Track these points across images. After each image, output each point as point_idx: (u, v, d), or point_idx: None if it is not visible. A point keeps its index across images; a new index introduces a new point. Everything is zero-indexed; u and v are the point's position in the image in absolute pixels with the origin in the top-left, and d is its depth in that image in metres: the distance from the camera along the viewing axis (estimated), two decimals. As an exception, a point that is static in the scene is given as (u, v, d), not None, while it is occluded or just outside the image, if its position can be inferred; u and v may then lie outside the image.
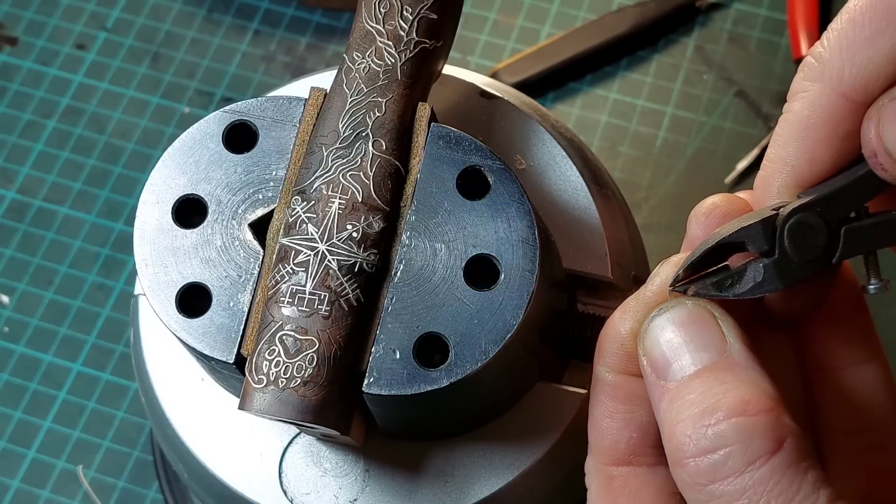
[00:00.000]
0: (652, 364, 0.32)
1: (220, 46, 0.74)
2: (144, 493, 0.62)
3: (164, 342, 0.44)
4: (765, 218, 0.33)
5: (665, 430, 0.31)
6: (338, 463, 0.41)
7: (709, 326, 0.32)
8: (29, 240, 0.69)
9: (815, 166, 0.33)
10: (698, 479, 0.30)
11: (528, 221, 0.37)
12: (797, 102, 0.34)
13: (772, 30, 0.73)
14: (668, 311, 0.33)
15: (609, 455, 0.35)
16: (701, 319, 0.32)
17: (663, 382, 0.32)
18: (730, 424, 0.30)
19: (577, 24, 0.73)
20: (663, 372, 0.32)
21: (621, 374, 0.34)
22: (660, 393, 0.32)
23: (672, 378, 0.32)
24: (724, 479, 0.30)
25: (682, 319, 0.32)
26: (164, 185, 0.38)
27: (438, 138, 0.38)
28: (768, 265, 0.33)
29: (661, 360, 0.32)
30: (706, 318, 0.32)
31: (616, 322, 0.34)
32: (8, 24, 0.75)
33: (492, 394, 0.40)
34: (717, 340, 0.32)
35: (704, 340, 0.32)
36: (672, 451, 0.31)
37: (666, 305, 0.33)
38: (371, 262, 0.36)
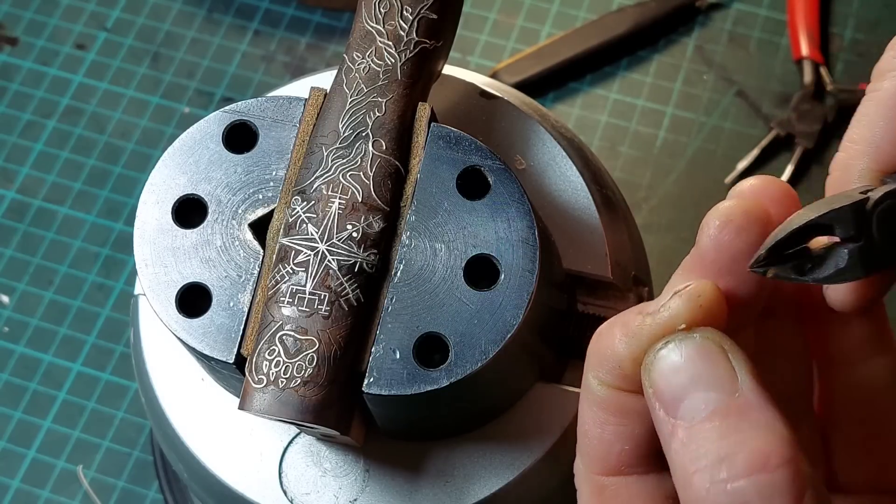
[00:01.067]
0: (659, 398, 0.31)
1: (220, 46, 0.74)
2: (144, 493, 0.62)
3: (164, 342, 0.44)
4: (855, 202, 0.31)
5: (678, 473, 0.31)
6: (338, 463, 0.41)
7: (719, 362, 0.31)
8: (29, 240, 0.69)
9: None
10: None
11: (528, 221, 0.37)
12: (887, 80, 0.33)
13: (772, 30, 0.73)
14: (675, 344, 0.31)
15: (599, 464, 0.34)
16: (710, 354, 0.31)
17: (673, 420, 0.31)
18: (750, 482, 0.29)
19: (577, 24, 0.73)
20: (672, 409, 0.31)
21: (614, 389, 0.33)
22: (670, 430, 0.31)
23: (682, 417, 0.31)
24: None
25: (690, 354, 0.31)
26: (164, 185, 0.38)
27: (438, 138, 0.38)
28: (853, 251, 0.31)
29: (669, 397, 0.31)
30: (716, 354, 0.31)
31: (616, 342, 0.33)
32: (8, 24, 0.75)
33: (492, 394, 0.40)
34: (728, 379, 0.31)
35: (715, 378, 0.31)
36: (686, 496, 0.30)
37: (673, 337, 0.32)
38: (371, 262, 0.36)
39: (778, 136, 0.69)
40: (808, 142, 0.69)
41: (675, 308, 0.32)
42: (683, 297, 0.32)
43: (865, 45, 0.72)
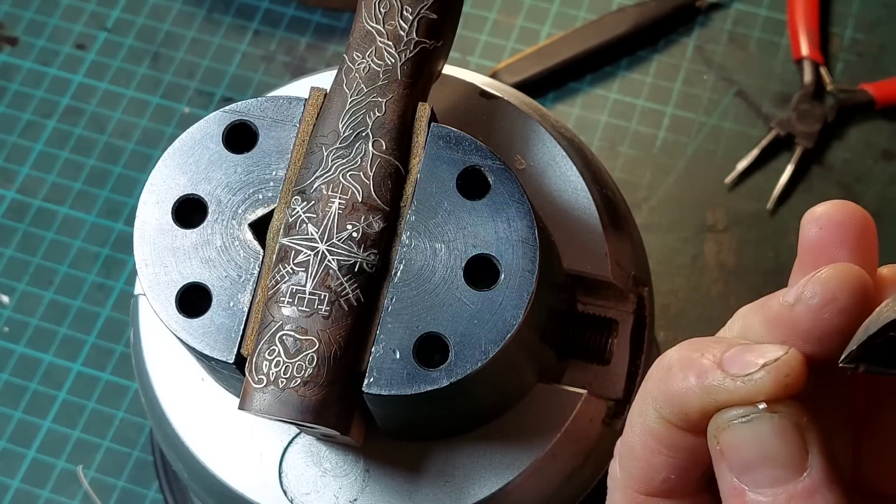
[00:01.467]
0: (727, 460, 0.32)
1: (220, 46, 0.74)
2: (144, 493, 0.62)
3: (164, 342, 0.44)
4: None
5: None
6: (338, 463, 0.41)
7: (791, 444, 0.31)
8: (29, 240, 0.69)
9: None
10: None
11: (528, 221, 0.37)
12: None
13: (772, 30, 0.73)
14: (752, 422, 0.31)
15: (642, 485, 0.34)
16: (785, 434, 0.31)
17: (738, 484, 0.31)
18: None
19: (577, 24, 0.73)
20: (737, 473, 0.31)
21: (673, 426, 0.33)
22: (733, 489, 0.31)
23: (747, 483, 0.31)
24: None
25: (765, 434, 0.31)
26: (164, 185, 0.38)
27: (438, 138, 0.38)
28: None
29: (738, 463, 0.31)
30: (791, 433, 0.31)
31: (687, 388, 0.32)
32: (8, 24, 0.75)
33: (492, 394, 0.40)
34: (799, 459, 0.31)
35: (784, 458, 0.31)
36: None
37: (751, 412, 0.31)
38: (371, 262, 0.36)
39: (778, 136, 0.69)
40: (808, 142, 0.69)
41: (759, 383, 0.31)
42: (771, 374, 0.31)
43: (865, 45, 0.72)
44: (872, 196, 0.68)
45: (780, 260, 0.66)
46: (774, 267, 0.66)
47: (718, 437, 0.32)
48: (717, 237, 0.67)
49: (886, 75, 0.71)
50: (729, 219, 0.68)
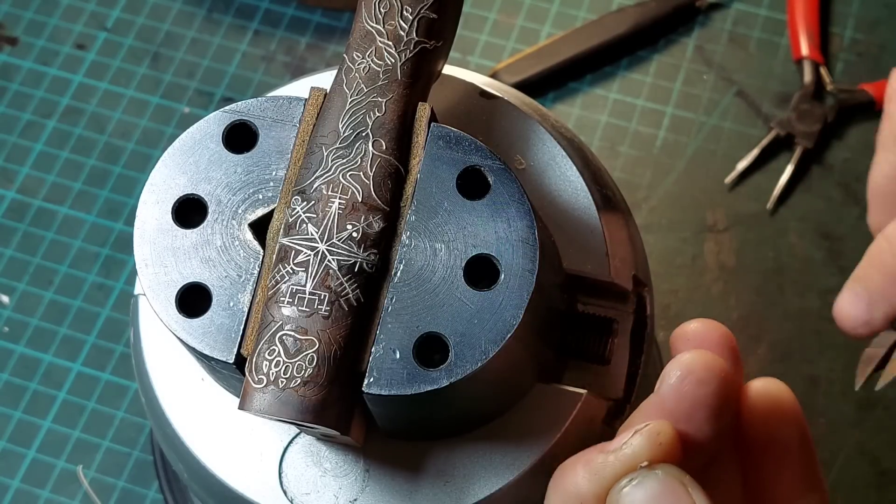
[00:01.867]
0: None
1: (220, 46, 0.74)
2: (144, 493, 0.62)
3: (164, 342, 0.44)
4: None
5: None
6: (338, 463, 0.41)
7: (681, 497, 0.33)
8: (29, 240, 0.69)
9: None
10: None
11: (528, 221, 0.37)
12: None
13: (772, 30, 0.73)
14: (639, 481, 0.33)
15: None
16: (673, 489, 0.33)
17: None
18: None
19: (577, 25, 0.73)
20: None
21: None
22: None
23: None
24: None
25: (654, 490, 0.33)
26: (164, 185, 0.38)
27: (438, 138, 0.38)
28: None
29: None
30: (678, 489, 0.33)
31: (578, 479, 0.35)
32: (8, 24, 0.75)
33: (492, 394, 0.40)
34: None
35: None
36: None
37: (636, 475, 0.33)
38: (371, 262, 0.36)
39: (778, 136, 0.69)
40: (808, 142, 0.69)
41: (636, 445, 0.34)
42: (644, 435, 0.34)
43: (865, 45, 0.72)
44: (872, 196, 0.68)
45: (780, 260, 0.66)
46: (774, 267, 0.66)
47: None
48: (717, 237, 0.67)
49: (886, 75, 0.70)
50: (729, 219, 0.68)
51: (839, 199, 0.68)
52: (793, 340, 0.64)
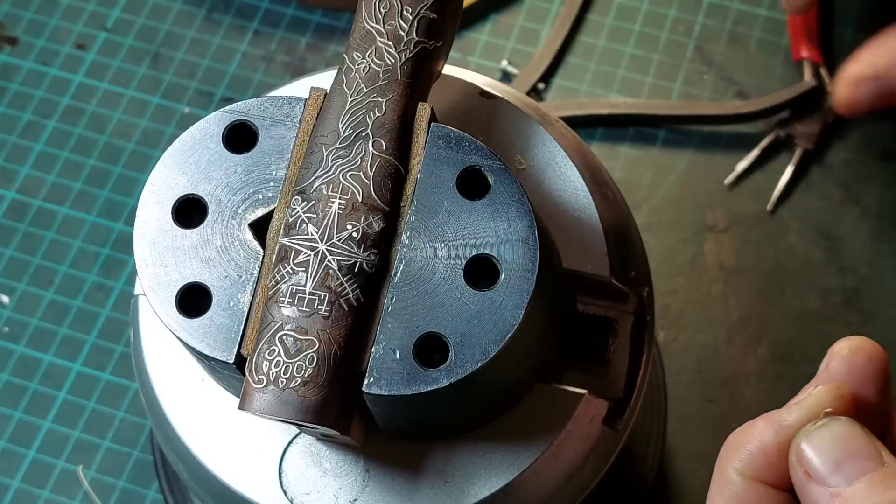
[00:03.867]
0: (814, 472, 0.34)
1: (220, 46, 0.74)
2: (144, 493, 0.62)
3: (164, 342, 0.44)
4: None
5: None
6: (338, 463, 0.41)
7: (865, 440, 0.34)
8: (29, 240, 0.69)
9: None
10: None
11: (528, 221, 0.37)
12: None
13: (772, 30, 0.73)
14: (827, 426, 0.34)
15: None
16: (858, 433, 0.34)
17: (832, 489, 0.34)
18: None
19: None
20: (826, 479, 0.34)
21: (754, 479, 0.36)
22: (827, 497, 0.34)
23: (839, 483, 0.34)
24: None
25: (841, 432, 0.34)
26: (164, 185, 0.38)
27: (438, 138, 0.38)
28: None
29: (823, 469, 0.34)
30: (861, 433, 0.34)
31: (760, 432, 0.36)
32: (8, 24, 0.75)
33: (492, 394, 0.40)
34: (876, 452, 0.34)
35: (865, 451, 0.34)
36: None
37: (821, 420, 0.35)
38: (371, 262, 0.36)
39: (778, 136, 0.69)
40: (807, 142, 0.69)
41: (819, 395, 0.35)
42: (826, 388, 0.35)
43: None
44: (872, 196, 0.68)
45: (780, 260, 0.66)
46: (774, 267, 0.66)
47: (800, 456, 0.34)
48: (717, 237, 0.67)
49: (886, 75, 0.71)
50: (729, 219, 0.68)
51: (839, 199, 0.68)
52: (793, 340, 0.64)
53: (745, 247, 0.67)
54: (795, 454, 0.35)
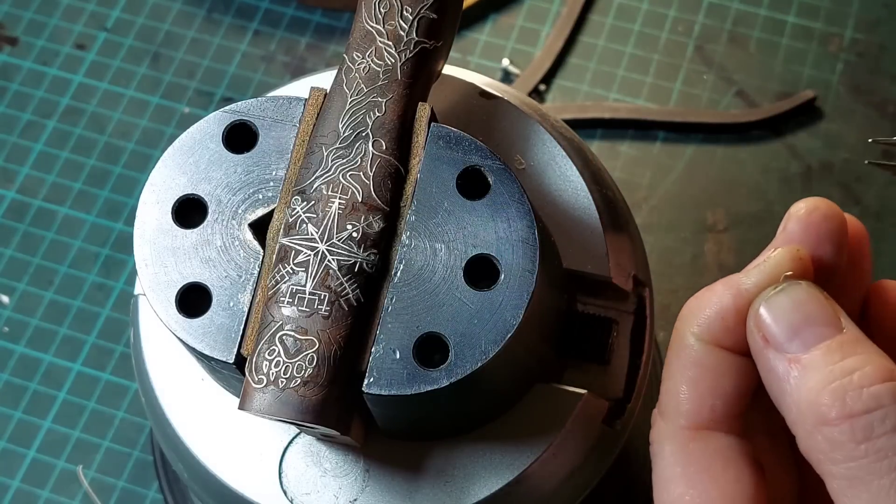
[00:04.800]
0: (772, 338, 0.34)
1: (220, 46, 0.74)
2: (144, 493, 0.62)
3: (164, 342, 0.44)
4: None
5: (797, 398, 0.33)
6: (338, 463, 0.41)
7: (824, 305, 0.34)
8: (29, 240, 0.69)
9: None
10: (854, 437, 0.32)
11: (528, 221, 0.37)
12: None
13: (772, 30, 0.73)
14: (785, 291, 0.34)
15: (690, 419, 0.36)
16: (817, 298, 0.34)
17: (788, 355, 0.33)
18: (884, 388, 0.32)
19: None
20: (784, 346, 0.33)
21: (712, 344, 0.35)
22: (785, 365, 0.33)
23: (796, 350, 0.33)
24: (881, 435, 0.32)
25: (800, 296, 0.34)
26: (164, 185, 0.38)
27: (438, 138, 0.38)
28: None
29: (781, 335, 0.33)
30: (821, 298, 0.34)
31: (719, 296, 0.35)
32: (8, 24, 0.75)
33: (492, 394, 0.40)
34: (834, 318, 0.34)
35: (823, 316, 0.34)
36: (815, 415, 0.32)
37: (781, 284, 0.34)
38: (371, 262, 0.36)
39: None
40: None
41: (778, 258, 0.35)
42: (785, 250, 0.35)
43: (865, 44, 0.72)
44: (872, 196, 0.68)
45: (780, 260, 0.66)
46: (774, 267, 0.66)
47: (758, 322, 0.34)
48: (717, 237, 0.67)
49: (886, 75, 0.71)
50: (729, 219, 0.68)
51: (839, 199, 0.68)
52: (793, 340, 0.64)
53: (744, 247, 0.67)
54: (753, 319, 0.34)
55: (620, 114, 0.70)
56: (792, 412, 0.33)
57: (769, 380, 0.34)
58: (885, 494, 0.32)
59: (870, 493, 0.32)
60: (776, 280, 0.35)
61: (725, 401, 0.35)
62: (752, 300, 0.35)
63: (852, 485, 0.32)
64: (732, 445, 0.35)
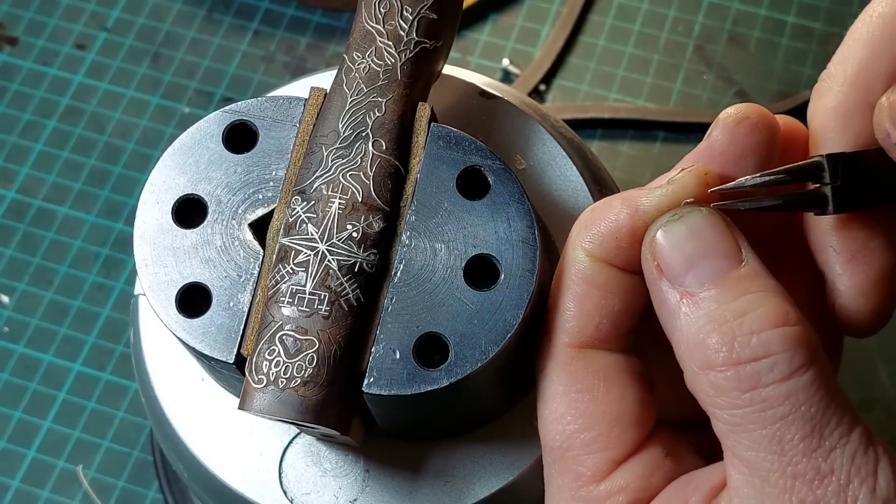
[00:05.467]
0: (666, 268, 0.32)
1: (220, 46, 0.74)
2: (144, 493, 0.62)
3: (164, 342, 0.44)
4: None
5: (686, 335, 0.32)
6: (338, 463, 0.41)
7: (725, 235, 0.32)
8: (29, 240, 0.69)
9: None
10: (739, 385, 0.31)
11: (528, 221, 0.37)
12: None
13: (772, 30, 0.73)
14: (684, 217, 0.33)
15: (574, 337, 0.35)
16: (717, 227, 0.32)
17: (681, 288, 0.32)
18: (775, 334, 0.31)
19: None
20: (679, 278, 0.32)
21: (603, 262, 0.34)
22: (678, 298, 0.32)
23: (690, 285, 0.32)
24: (768, 384, 0.30)
25: (700, 225, 0.32)
26: (164, 185, 0.38)
27: (438, 138, 0.38)
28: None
29: (676, 268, 0.32)
30: (722, 227, 0.32)
31: (616, 213, 0.34)
32: (8, 24, 0.75)
33: (492, 394, 0.40)
34: (734, 249, 0.32)
35: (724, 248, 0.32)
36: (701, 357, 0.31)
37: (681, 211, 0.33)
38: (371, 262, 0.36)
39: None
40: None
41: (683, 180, 0.33)
42: (692, 172, 0.33)
43: (865, 45, 0.72)
44: (872, 196, 0.68)
45: (780, 260, 0.66)
46: (774, 267, 0.66)
47: (653, 248, 0.32)
48: (717, 237, 0.67)
49: (886, 75, 0.71)
50: (729, 219, 0.68)
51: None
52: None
53: (745, 247, 0.67)
54: (649, 246, 0.33)
55: (620, 114, 0.70)
56: (680, 348, 0.32)
57: (660, 310, 0.33)
58: (766, 443, 0.31)
59: (751, 441, 0.31)
60: (678, 203, 0.33)
61: (613, 319, 0.34)
62: (650, 223, 0.33)
63: (734, 430, 0.31)
64: (618, 363, 0.34)
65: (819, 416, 0.30)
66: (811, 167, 0.33)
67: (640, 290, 0.34)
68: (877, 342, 0.64)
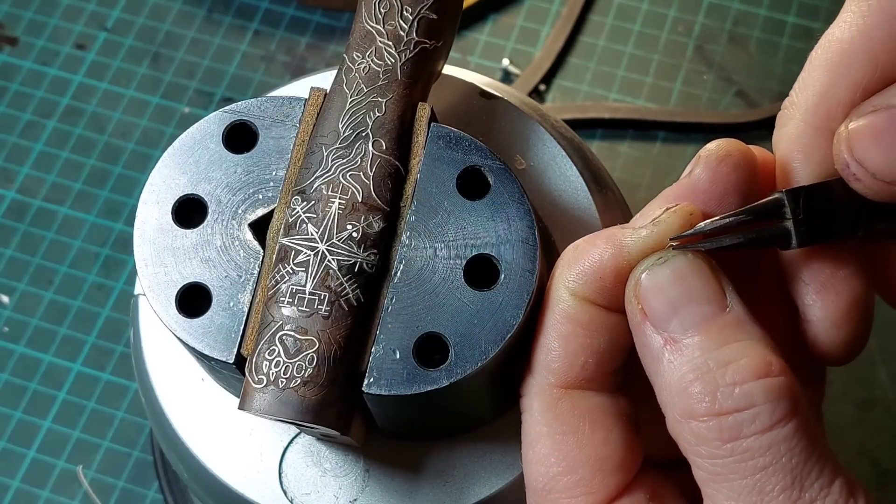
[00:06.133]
0: (650, 312, 0.32)
1: (220, 46, 0.74)
2: (144, 493, 0.62)
3: (164, 342, 0.44)
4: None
5: (671, 385, 0.32)
6: (338, 463, 0.41)
7: (709, 280, 0.32)
8: (29, 240, 0.69)
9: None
10: (720, 436, 0.31)
11: (528, 221, 0.37)
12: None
13: (772, 30, 0.73)
14: (669, 261, 0.32)
15: (559, 377, 0.34)
16: (701, 272, 0.32)
17: (665, 333, 0.32)
18: (757, 385, 0.31)
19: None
20: (663, 323, 0.32)
21: (587, 301, 0.34)
22: (661, 344, 0.32)
23: (675, 330, 0.32)
24: (749, 436, 0.30)
25: (683, 270, 0.32)
26: (164, 185, 0.38)
27: (438, 138, 0.38)
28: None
29: (660, 312, 0.32)
30: (706, 272, 0.32)
31: (600, 253, 0.34)
32: (8, 24, 0.75)
33: (492, 394, 0.40)
34: (718, 295, 0.32)
35: (708, 293, 0.32)
36: (684, 405, 0.31)
37: (666, 254, 0.33)
38: (371, 262, 0.36)
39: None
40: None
41: (668, 222, 0.33)
42: (677, 213, 0.33)
43: (865, 45, 0.72)
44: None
45: (780, 260, 0.66)
46: (774, 267, 0.66)
47: (638, 292, 0.32)
48: (717, 237, 0.67)
49: (886, 75, 0.71)
50: (729, 219, 0.68)
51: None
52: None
53: (745, 247, 0.67)
54: (633, 289, 0.33)
55: (620, 114, 0.70)
56: (662, 394, 0.32)
57: (643, 353, 0.32)
58: (746, 493, 0.30)
59: (731, 490, 0.31)
60: (663, 245, 0.33)
61: (598, 359, 0.34)
62: (634, 263, 0.33)
63: (714, 479, 0.31)
64: (604, 405, 0.34)
65: (800, 467, 0.31)
66: (772, 204, 0.33)
67: (625, 329, 0.34)
68: (877, 342, 0.64)
